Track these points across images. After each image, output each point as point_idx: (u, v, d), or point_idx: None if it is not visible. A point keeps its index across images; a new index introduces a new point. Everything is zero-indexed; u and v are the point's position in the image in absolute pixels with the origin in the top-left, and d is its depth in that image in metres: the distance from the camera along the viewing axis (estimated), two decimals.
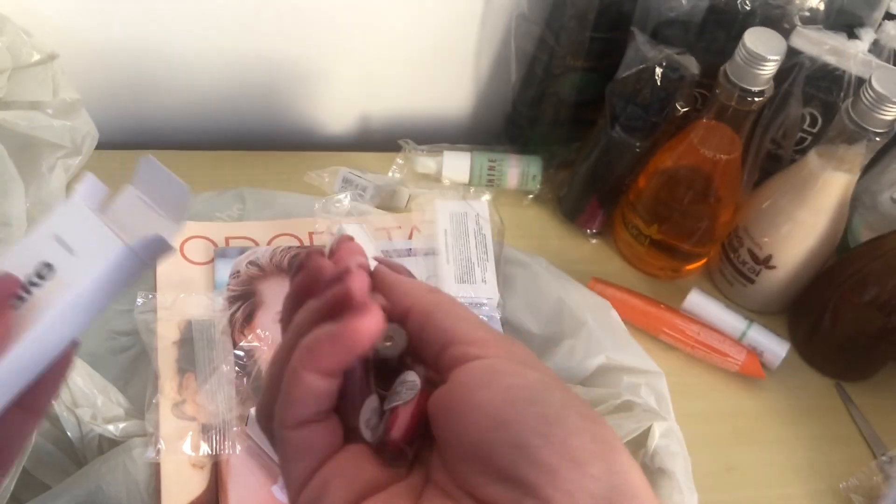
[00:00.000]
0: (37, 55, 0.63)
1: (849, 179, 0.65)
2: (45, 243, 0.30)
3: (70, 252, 0.30)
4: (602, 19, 0.71)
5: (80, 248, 0.30)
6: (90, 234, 0.31)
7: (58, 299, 0.30)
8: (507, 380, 0.24)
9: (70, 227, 0.31)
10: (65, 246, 0.30)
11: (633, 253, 0.77)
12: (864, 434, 0.69)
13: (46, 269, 0.30)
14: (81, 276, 0.30)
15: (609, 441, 0.23)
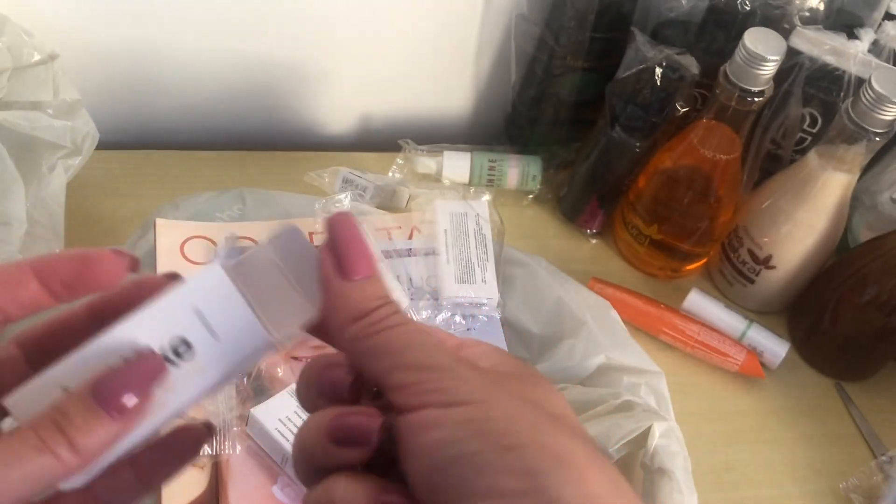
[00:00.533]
0: (37, 55, 0.63)
1: (848, 179, 0.65)
2: (184, 314, 0.27)
3: (212, 334, 0.27)
4: (602, 19, 0.71)
5: (222, 332, 0.28)
6: (235, 319, 0.28)
7: (193, 386, 0.27)
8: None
9: (213, 302, 0.27)
10: (206, 324, 0.27)
11: (632, 253, 0.77)
12: (864, 434, 0.69)
13: (184, 348, 0.27)
14: (220, 365, 0.28)
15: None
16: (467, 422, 0.24)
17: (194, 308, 0.27)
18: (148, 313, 0.27)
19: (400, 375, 0.25)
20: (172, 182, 0.74)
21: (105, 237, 0.67)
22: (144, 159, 0.76)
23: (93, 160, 0.65)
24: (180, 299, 0.27)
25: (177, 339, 0.27)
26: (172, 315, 0.27)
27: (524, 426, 0.24)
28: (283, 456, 0.55)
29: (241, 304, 0.28)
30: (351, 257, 0.27)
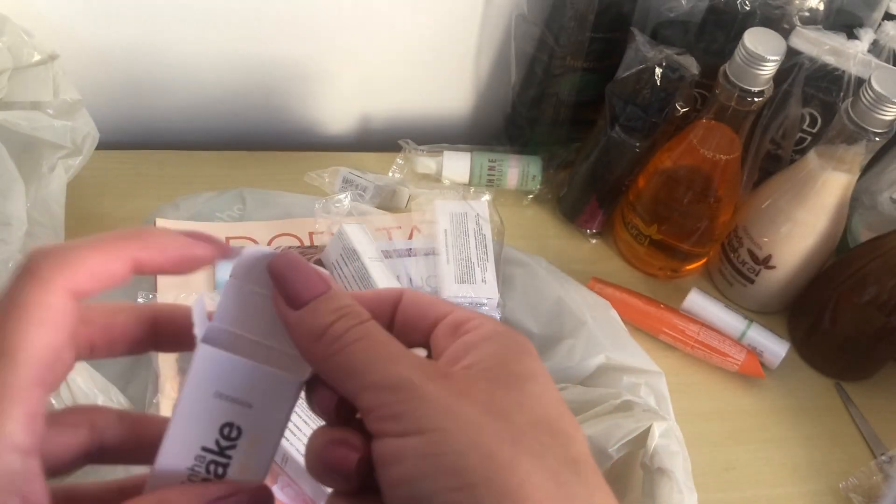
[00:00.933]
0: (37, 55, 0.63)
1: (848, 179, 0.65)
2: (211, 405, 0.27)
3: (244, 406, 0.27)
4: (602, 20, 0.71)
5: (251, 398, 0.27)
6: (253, 380, 0.27)
7: (261, 457, 0.28)
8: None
9: (225, 378, 0.27)
10: (233, 401, 0.27)
11: (632, 253, 0.77)
12: (864, 434, 0.69)
13: (231, 430, 0.27)
14: (270, 424, 0.28)
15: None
16: (422, 457, 0.23)
17: (216, 393, 0.27)
18: (180, 424, 0.27)
19: (365, 398, 0.24)
20: (172, 182, 0.74)
21: None
22: (144, 159, 0.76)
23: (93, 160, 0.65)
24: (201, 394, 0.27)
25: (222, 429, 0.27)
26: (204, 412, 0.27)
27: (479, 459, 0.23)
28: (283, 456, 0.55)
29: (247, 365, 0.28)
30: (294, 286, 0.26)
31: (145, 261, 0.26)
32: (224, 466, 0.27)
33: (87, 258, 0.25)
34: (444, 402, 0.23)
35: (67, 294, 0.24)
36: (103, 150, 0.67)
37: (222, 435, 0.27)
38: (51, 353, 0.23)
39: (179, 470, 0.27)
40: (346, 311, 0.26)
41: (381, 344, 0.25)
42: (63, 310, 0.24)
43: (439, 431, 0.23)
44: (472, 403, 0.24)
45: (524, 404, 0.24)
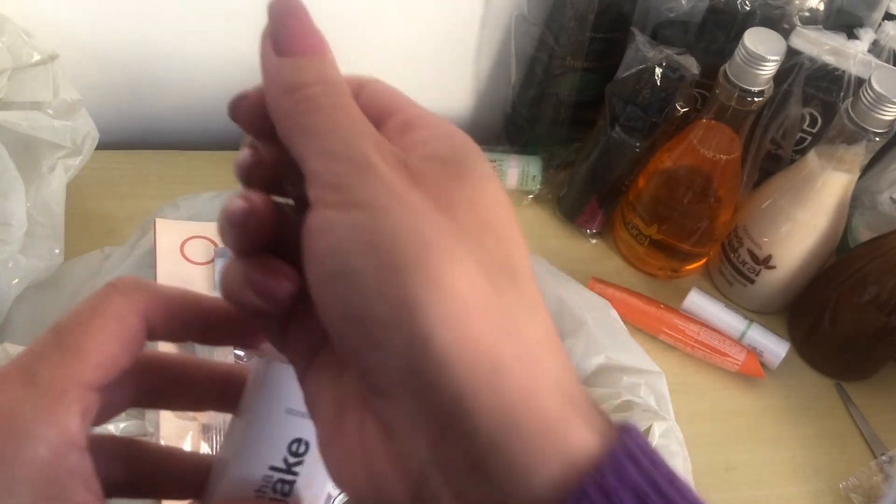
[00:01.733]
0: (37, 55, 0.63)
1: (848, 179, 0.65)
2: (284, 422, 0.28)
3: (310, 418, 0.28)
4: (602, 20, 0.71)
5: None
6: None
7: (322, 471, 0.27)
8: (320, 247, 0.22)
9: (293, 394, 0.27)
10: (302, 415, 0.28)
11: (632, 253, 0.77)
12: (864, 434, 0.69)
13: (300, 446, 0.28)
14: None
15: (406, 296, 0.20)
16: (357, 230, 0.21)
17: (286, 410, 0.28)
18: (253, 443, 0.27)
19: (316, 163, 0.22)
20: (172, 182, 0.74)
21: (105, 237, 0.67)
22: (144, 159, 0.76)
23: (93, 160, 0.65)
24: (272, 412, 0.28)
25: (290, 445, 0.28)
26: (275, 430, 0.28)
27: (416, 245, 0.20)
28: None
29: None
30: (288, 34, 0.25)
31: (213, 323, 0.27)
32: (291, 484, 0.28)
33: (169, 299, 0.26)
34: (394, 184, 0.21)
35: (141, 316, 0.25)
36: (103, 150, 0.67)
37: (290, 452, 0.28)
38: (113, 364, 0.24)
39: (246, 491, 0.27)
40: (330, 80, 0.24)
41: (351, 118, 0.23)
42: (133, 328, 0.25)
43: (381, 210, 0.21)
44: (423, 193, 0.21)
45: (476, 203, 0.22)
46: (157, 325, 0.26)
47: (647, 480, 0.19)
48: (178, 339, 0.27)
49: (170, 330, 0.26)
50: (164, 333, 0.26)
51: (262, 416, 0.28)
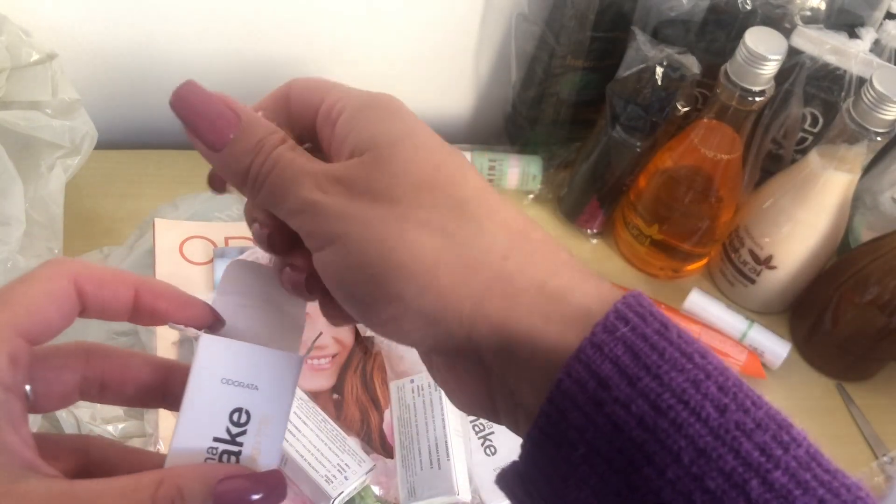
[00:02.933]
0: (36, 55, 0.62)
1: (850, 179, 0.65)
2: (220, 392, 0.28)
3: (251, 388, 0.28)
4: (602, 19, 0.71)
5: (257, 381, 0.28)
6: (257, 363, 0.29)
7: (272, 438, 0.28)
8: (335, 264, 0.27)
9: (230, 364, 0.28)
10: (240, 385, 0.28)
11: (633, 253, 0.77)
12: (865, 434, 0.69)
13: (241, 416, 0.28)
14: (277, 405, 0.29)
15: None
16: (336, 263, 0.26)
17: (223, 380, 0.28)
18: (191, 416, 0.28)
19: (291, 223, 0.27)
20: (171, 182, 0.73)
21: (104, 237, 0.67)
22: (143, 159, 0.76)
23: (91, 160, 0.65)
24: (208, 383, 0.28)
25: (231, 415, 0.28)
26: (213, 400, 0.28)
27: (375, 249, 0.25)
28: (282, 457, 0.55)
29: (250, 348, 0.29)
30: (206, 133, 0.28)
31: (146, 298, 0.29)
32: (236, 455, 0.28)
33: (101, 270, 0.28)
34: (338, 210, 0.25)
35: (70, 279, 0.27)
36: (102, 149, 0.67)
37: (232, 422, 0.28)
38: (40, 314, 0.26)
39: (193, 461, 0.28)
40: (259, 146, 0.27)
41: (287, 170, 0.27)
42: (62, 288, 0.27)
43: (341, 237, 0.25)
44: (360, 198, 0.25)
45: (400, 171, 0.25)
46: (87, 291, 0.27)
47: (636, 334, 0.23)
48: (112, 314, 0.28)
49: (102, 300, 0.28)
50: (97, 305, 0.28)
51: (199, 387, 0.28)
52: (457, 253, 0.25)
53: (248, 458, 0.28)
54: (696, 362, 0.22)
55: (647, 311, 0.24)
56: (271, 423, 0.28)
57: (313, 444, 0.55)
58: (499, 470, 0.26)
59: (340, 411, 0.60)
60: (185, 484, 0.25)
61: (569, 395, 0.23)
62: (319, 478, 0.53)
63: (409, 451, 0.57)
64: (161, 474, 0.25)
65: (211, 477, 0.26)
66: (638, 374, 0.22)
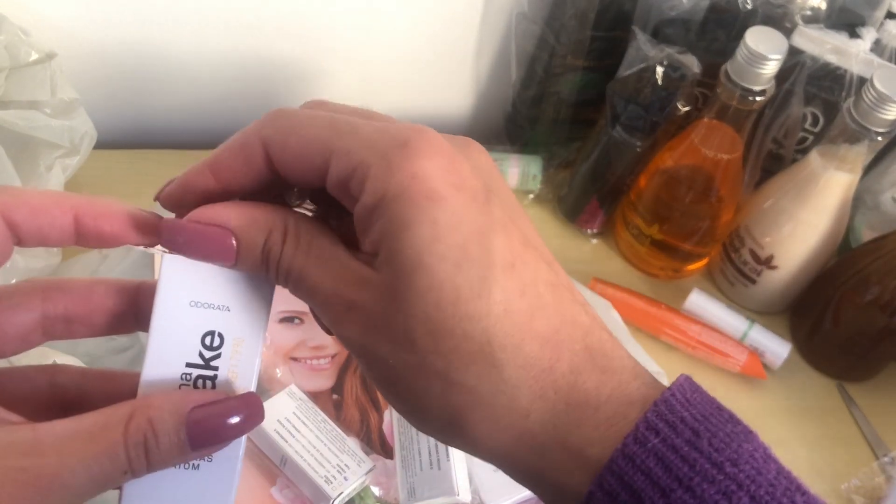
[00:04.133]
0: (35, 54, 0.62)
1: (850, 179, 0.65)
2: (188, 315, 0.27)
3: (221, 309, 0.27)
4: (602, 18, 0.70)
5: (228, 301, 0.27)
6: (225, 282, 0.27)
7: (248, 358, 0.27)
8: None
9: (198, 286, 0.27)
10: (210, 307, 0.27)
11: (633, 253, 0.76)
12: (866, 435, 0.68)
13: (213, 339, 0.27)
14: (250, 326, 0.27)
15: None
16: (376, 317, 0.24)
17: (191, 303, 0.27)
18: (160, 342, 0.27)
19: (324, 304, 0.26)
20: None
21: None
22: (143, 159, 0.76)
23: (91, 160, 0.65)
24: (175, 306, 0.27)
25: (203, 339, 0.27)
26: (182, 324, 0.27)
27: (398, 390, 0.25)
28: (281, 457, 0.55)
29: (218, 269, 0.27)
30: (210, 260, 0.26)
31: (87, 221, 0.27)
32: (212, 380, 0.27)
33: (32, 197, 0.26)
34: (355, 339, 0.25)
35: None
36: (101, 149, 0.67)
37: (205, 345, 0.27)
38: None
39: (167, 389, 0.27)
40: (265, 259, 0.26)
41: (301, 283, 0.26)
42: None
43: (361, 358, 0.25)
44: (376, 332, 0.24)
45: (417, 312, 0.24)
46: (18, 221, 0.25)
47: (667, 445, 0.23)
48: (54, 242, 0.27)
49: (37, 228, 0.26)
50: (33, 234, 0.26)
51: (166, 311, 0.27)
52: (481, 412, 0.24)
53: (224, 382, 0.27)
54: (727, 472, 0.22)
55: (678, 418, 0.23)
56: (246, 345, 0.27)
57: (313, 444, 0.55)
58: (498, 471, 0.26)
59: (340, 412, 0.60)
60: (155, 415, 0.24)
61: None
62: (319, 478, 0.53)
63: (408, 451, 0.57)
64: (130, 407, 0.24)
65: (182, 405, 0.25)
66: (671, 485, 0.22)
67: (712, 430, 0.23)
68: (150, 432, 0.24)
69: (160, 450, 0.24)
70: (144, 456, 0.24)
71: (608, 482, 0.23)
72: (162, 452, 0.24)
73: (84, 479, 0.23)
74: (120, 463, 0.24)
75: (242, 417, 0.25)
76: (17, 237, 0.26)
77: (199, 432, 0.25)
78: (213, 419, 0.25)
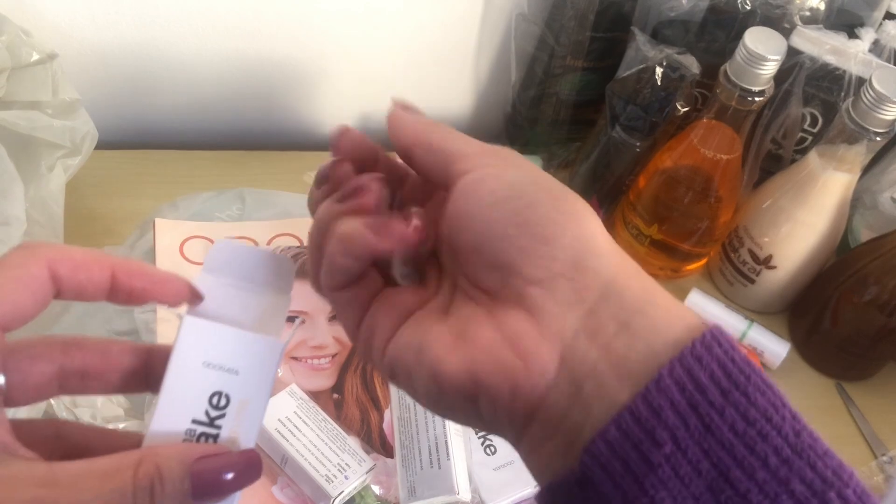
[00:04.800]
0: (36, 55, 0.62)
1: (849, 179, 0.65)
2: (200, 376, 0.28)
3: (231, 373, 0.29)
4: (602, 19, 0.71)
5: (238, 365, 0.29)
6: (239, 347, 0.29)
7: (249, 422, 0.29)
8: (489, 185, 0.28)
9: (212, 348, 0.29)
10: (221, 369, 0.29)
11: (633, 253, 0.77)
12: (865, 434, 0.69)
13: (220, 399, 0.28)
14: (256, 389, 0.29)
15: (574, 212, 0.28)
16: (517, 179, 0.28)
17: (204, 363, 0.28)
18: (170, 397, 0.28)
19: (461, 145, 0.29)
20: (172, 182, 0.73)
21: (104, 237, 0.67)
22: (144, 159, 0.76)
23: (92, 160, 0.65)
24: (188, 366, 0.28)
25: (210, 398, 0.28)
26: (193, 383, 0.28)
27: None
28: (282, 456, 0.55)
29: (233, 332, 0.29)
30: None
31: (122, 278, 0.28)
32: (214, 437, 0.28)
33: (75, 252, 0.28)
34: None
35: (44, 264, 0.27)
36: (102, 149, 0.67)
37: (211, 405, 0.28)
38: (11, 300, 0.26)
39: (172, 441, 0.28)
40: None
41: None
42: (35, 274, 0.27)
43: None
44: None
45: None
46: (62, 275, 0.27)
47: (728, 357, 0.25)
48: (89, 296, 0.28)
49: (77, 283, 0.28)
50: (73, 288, 0.28)
51: (179, 369, 0.28)
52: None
53: (226, 441, 0.28)
54: (774, 391, 0.26)
55: (733, 342, 0.26)
56: (250, 408, 0.29)
57: (314, 443, 0.55)
58: (499, 470, 0.26)
59: (341, 411, 0.60)
60: (163, 463, 0.25)
61: (667, 393, 0.24)
62: (320, 477, 0.53)
63: (409, 450, 0.57)
64: (140, 454, 0.26)
65: (188, 456, 0.26)
66: (729, 387, 0.25)
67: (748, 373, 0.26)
68: (157, 478, 0.25)
69: (165, 496, 0.25)
70: (149, 501, 0.25)
71: (677, 373, 0.24)
72: (166, 498, 0.25)
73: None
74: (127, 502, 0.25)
75: (240, 472, 0.27)
76: (58, 288, 0.27)
77: (201, 483, 0.26)
78: (214, 470, 0.26)
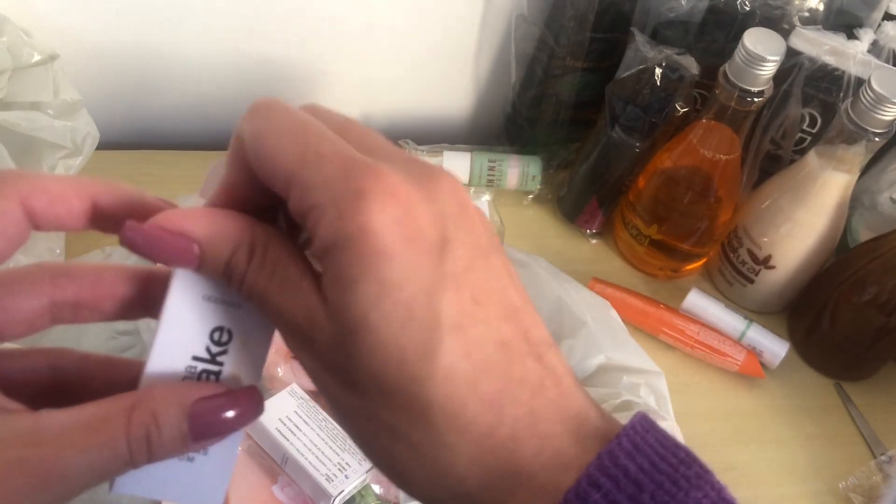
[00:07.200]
0: (37, 55, 0.63)
1: (848, 180, 0.65)
2: (201, 309, 0.26)
3: (232, 306, 0.27)
4: (601, 20, 0.71)
5: (241, 299, 0.27)
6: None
7: (253, 355, 0.27)
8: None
9: (213, 281, 0.26)
10: (221, 302, 0.27)
11: (632, 253, 0.77)
12: (864, 433, 0.69)
13: (222, 335, 0.27)
14: (258, 323, 0.27)
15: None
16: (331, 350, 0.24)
17: (204, 297, 0.27)
18: (169, 332, 0.26)
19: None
20: (172, 182, 0.74)
21: (106, 237, 0.67)
22: (145, 159, 0.76)
23: (93, 160, 0.65)
24: (188, 300, 0.26)
25: (212, 334, 0.27)
26: (193, 318, 0.26)
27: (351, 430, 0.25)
28: (283, 456, 0.55)
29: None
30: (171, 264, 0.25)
31: (105, 204, 0.27)
32: (216, 374, 0.27)
33: (50, 182, 0.26)
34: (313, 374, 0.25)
35: (18, 202, 0.25)
36: (103, 150, 0.67)
37: (213, 340, 0.27)
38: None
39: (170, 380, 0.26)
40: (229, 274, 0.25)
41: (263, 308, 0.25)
42: (7, 211, 0.25)
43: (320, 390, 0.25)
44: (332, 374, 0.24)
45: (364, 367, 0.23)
46: (38, 209, 0.25)
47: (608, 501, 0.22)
48: (70, 228, 0.27)
49: (55, 215, 0.26)
50: (51, 221, 0.26)
51: (178, 303, 0.26)
52: (422, 469, 0.24)
53: (228, 379, 0.27)
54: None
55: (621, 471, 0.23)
56: (253, 343, 0.27)
57: (314, 442, 0.55)
58: None
59: None
60: (160, 408, 0.24)
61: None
62: (320, 476, 0.54)
63: None
64: (134, 398, 0.24)
65: (186, 397, 0.25)
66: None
67: (658, 480, 0.23)
68: (153, 425, 0.24)
69: (162, 441, 0.24)
70: (146, 448, 0.24)
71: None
72: (164, 444, 0.24)
73: (84, 470, 0.23)
74: (121, 454, 0.24)
75: (242, 411, 0.25)
76: (35, 224, 0.26)
77: (200, 424, 0.25)
78: (213, 411, 0.25)
